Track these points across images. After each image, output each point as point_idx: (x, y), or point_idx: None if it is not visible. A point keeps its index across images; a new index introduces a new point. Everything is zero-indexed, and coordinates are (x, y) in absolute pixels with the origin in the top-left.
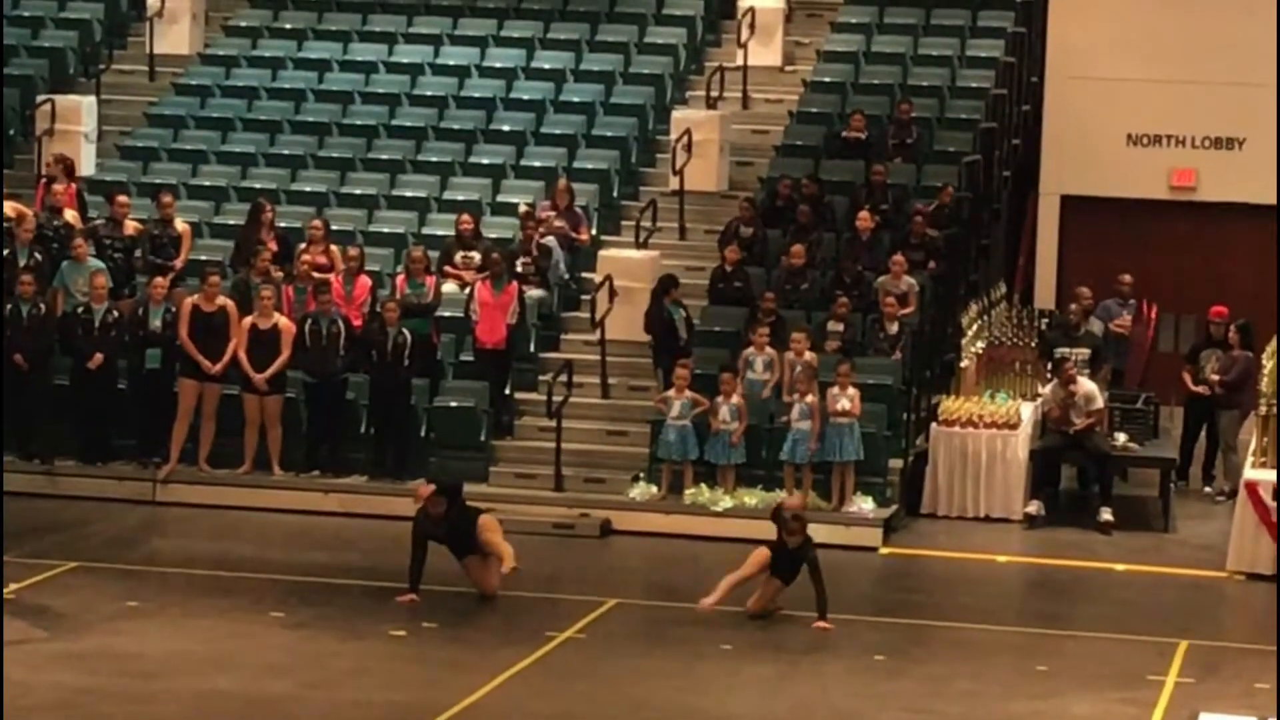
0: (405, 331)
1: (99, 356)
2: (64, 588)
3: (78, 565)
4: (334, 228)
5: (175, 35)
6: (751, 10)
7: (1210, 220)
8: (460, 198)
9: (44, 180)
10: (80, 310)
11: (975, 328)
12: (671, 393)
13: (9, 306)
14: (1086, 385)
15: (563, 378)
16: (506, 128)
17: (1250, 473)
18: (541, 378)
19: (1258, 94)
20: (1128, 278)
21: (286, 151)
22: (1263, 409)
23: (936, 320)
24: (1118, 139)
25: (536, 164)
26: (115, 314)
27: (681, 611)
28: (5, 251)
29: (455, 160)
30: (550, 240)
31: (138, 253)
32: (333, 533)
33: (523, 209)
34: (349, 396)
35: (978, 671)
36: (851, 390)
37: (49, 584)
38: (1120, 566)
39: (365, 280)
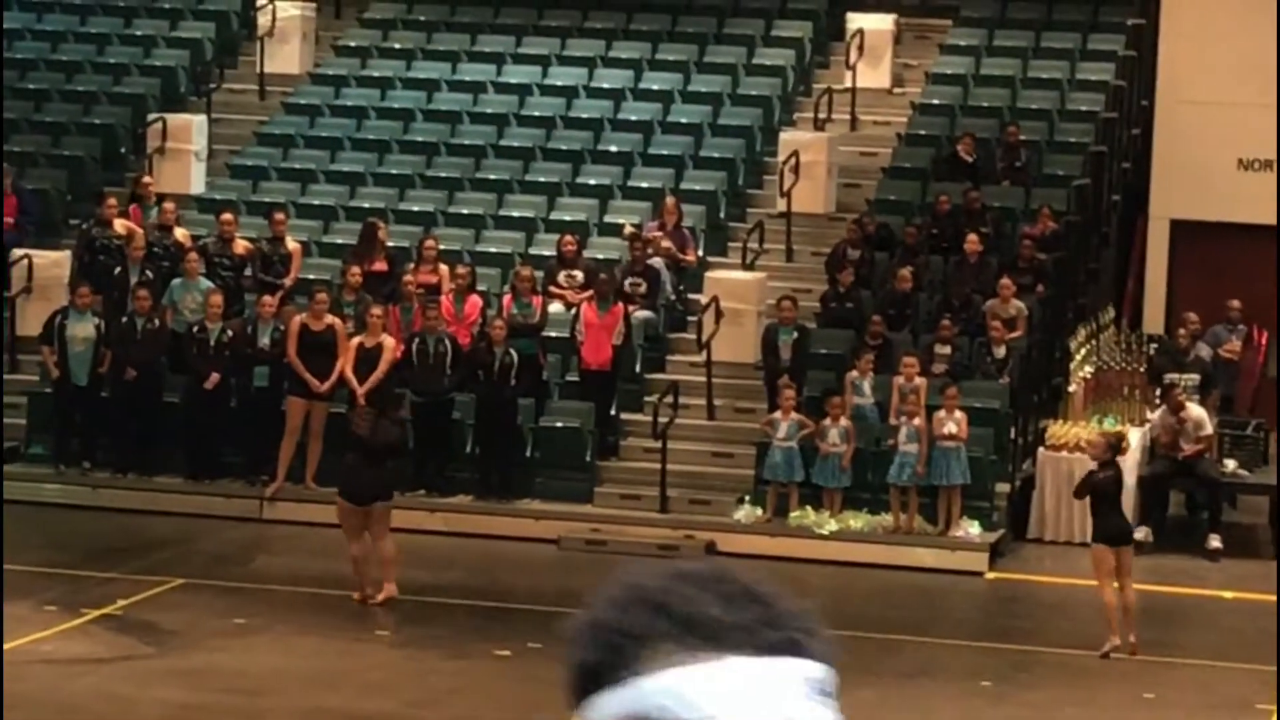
0: (512, 351)
1: (215, 376)
2: (171, 604)
3: (184, 582)
4: (441, 247)
5: (286, 55)
6: (860, 32)
7: None
8: (567, 218)
9: (137, 200)
10: (195, 329)
11: (1083, 352)
12: (778, 414)
13: (124, 320)
14: (1196, 411)
15: (668, 399)
16: (614, 148)
17: None
18: (647, 399)
19: None
20: (1237, 303)
21: (395, 171)
22: None
23: (1044, 344)
24: (1228, 163)
25: (644, 185)
26: (229, 333)
27: None
28: (117, 269)
29: (563, 180)
30: (657, 261)
31: (247, 271)
32: (438, 552)
33: (628, 229)
34: (455, 416)
35: (1084, 699)
36: (959, 414)
37: (156, 600)
38: (1228, 594)
39: (476, 299)
